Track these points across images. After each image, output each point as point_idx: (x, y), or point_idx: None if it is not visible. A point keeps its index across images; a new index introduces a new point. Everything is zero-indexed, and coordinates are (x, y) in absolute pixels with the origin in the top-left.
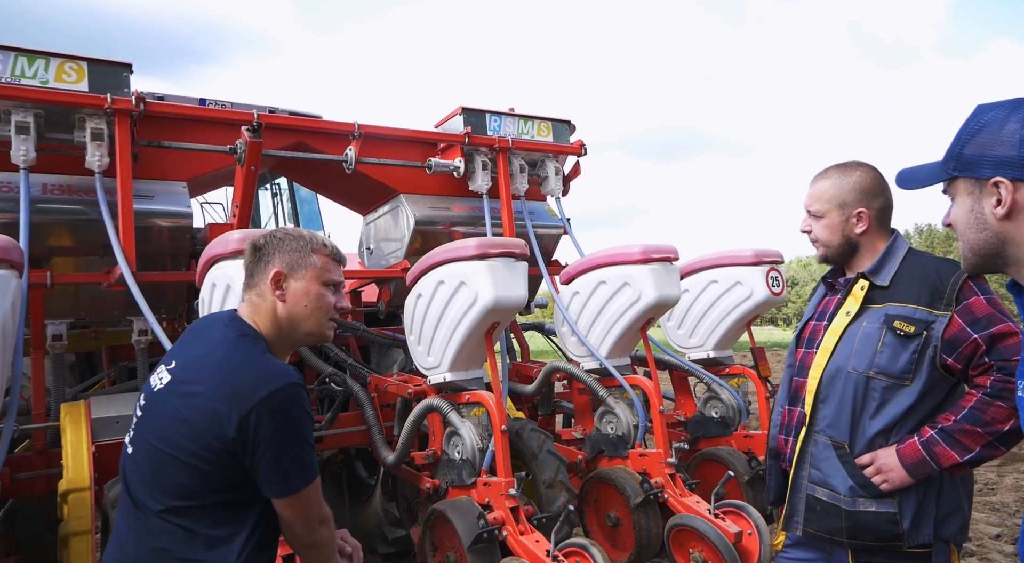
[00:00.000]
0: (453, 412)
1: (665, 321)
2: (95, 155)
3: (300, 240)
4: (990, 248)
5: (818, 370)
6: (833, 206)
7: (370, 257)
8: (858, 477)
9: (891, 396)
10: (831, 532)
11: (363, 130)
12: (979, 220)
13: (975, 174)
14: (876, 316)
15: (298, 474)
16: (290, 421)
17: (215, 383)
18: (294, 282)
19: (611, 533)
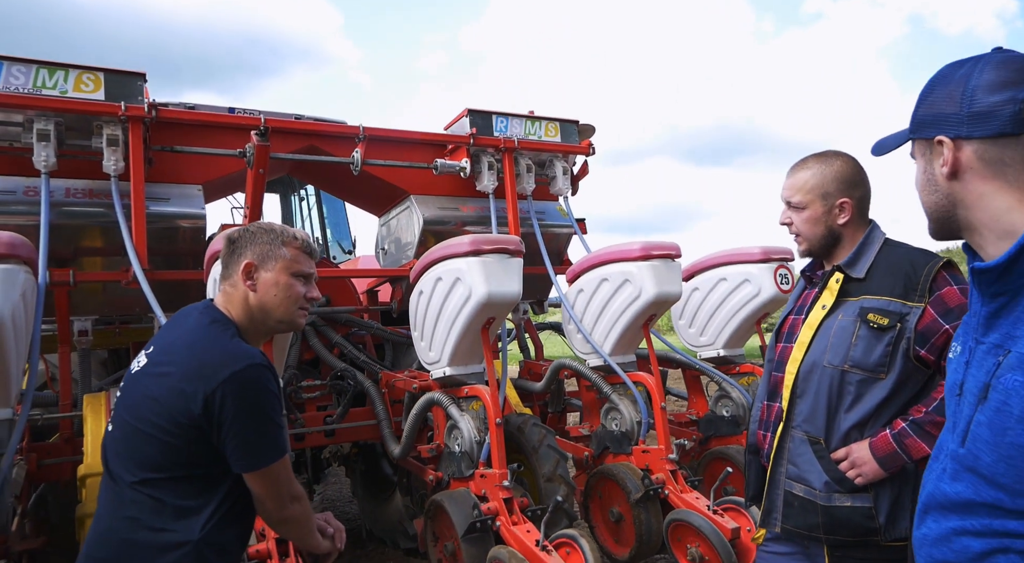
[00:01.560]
0: (453, 406)
1: (676, 319)
2: (111, 160)
3: (271, 233)
4: (942, 211)
5: (794, 365)
6: (815, 197)
7: (385, 257)
8: (833, 472)
9: (866, 389)
10: (808, 528)
11: (368, 133)
12: (931, 182)
13: (925, 134)
14: (851, 309)
15: (264, 450)
16: (254, 400)
17: (183, 364)
18: (264, 273)
19: (614, 528)
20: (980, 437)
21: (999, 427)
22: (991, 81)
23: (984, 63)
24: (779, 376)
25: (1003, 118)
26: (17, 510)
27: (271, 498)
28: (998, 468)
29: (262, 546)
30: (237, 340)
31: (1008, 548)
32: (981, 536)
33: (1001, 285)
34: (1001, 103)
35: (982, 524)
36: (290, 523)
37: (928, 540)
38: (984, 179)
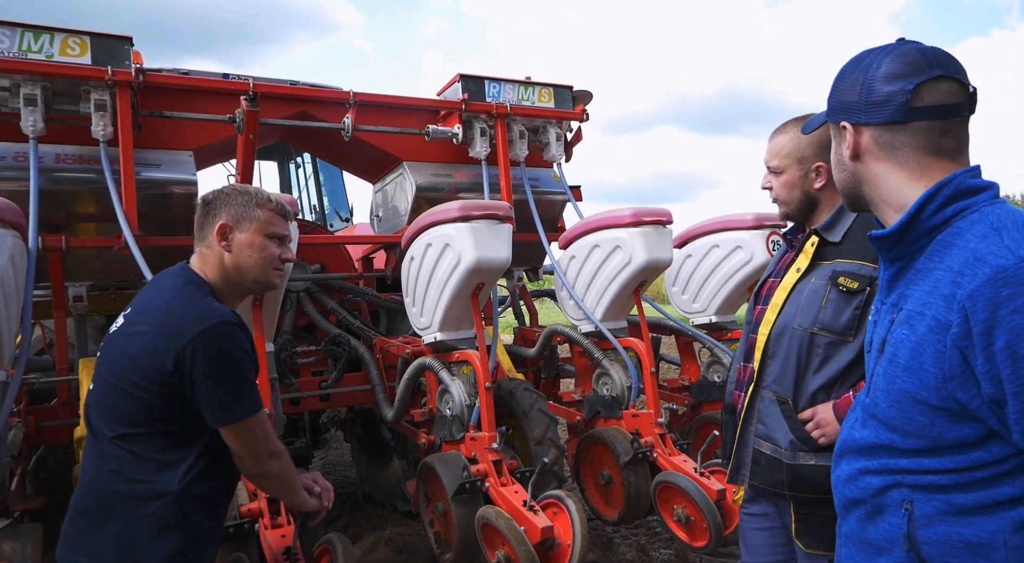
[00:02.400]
0: (443, 370)
1: (670, 286)
2: (99, 125)
3: (246, 195)
4: (850, 187)
5: (766, 327)
6: (792, 161)
7: (379, 224)
8: (799, 432)
9: (834, 352)
10: (774, 485)
11: (358, 98)
12: (840, 161)
13: (833, 119)
14: (824, 273)
15: (236, 406)
16: (224, 356)
17: (157, 322)
18: (239, 234)
19: (604, 490)
20: (878, 386)
21: (890, 376)
22: (886, 73)
23: (884, 55)
24: (754, 337)
25: (893, 107)
26: (16, 471)
27: (247, 453)
28: (891, 413)
29: (253, 505)
30: (209, 299)
31: (900, 483)
32: (879, 474)
33: (897, 251)
34: (893, 94)
35: (880, 464)
36: (269, 478)
37: (840, 481)
38: (879, 160)
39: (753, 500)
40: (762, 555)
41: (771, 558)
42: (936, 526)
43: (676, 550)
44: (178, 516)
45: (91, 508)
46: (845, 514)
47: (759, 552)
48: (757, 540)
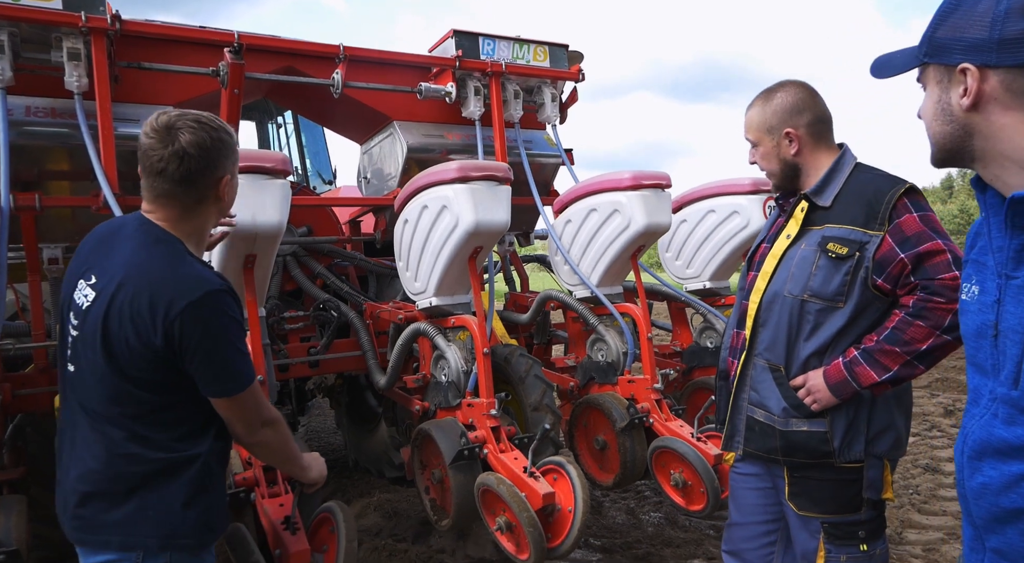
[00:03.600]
0: (439, 336)
1: (663, 252)
2: (73, 76)
3: (232, 136)
4: (955, 142)
5: (757, 294)
6: (762, 133)
7: (367, 186)
8: (791, 399)
9: (825, 318)
10: (767, 451)
11: (348, 53)
12: (945, 111)
13: (944, 60)
14: (813, 238)
15: (228, 379)
16: (214, 327)
17: (139, 294)
18: (231, 180)
19: (599, 456)
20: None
21: None
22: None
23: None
24: (747, 304)
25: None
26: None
27: (240, 422)
28: None
29: (248, 474)
30: (190, 261)
31: None
32: None
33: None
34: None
35: None
36: (262, 447)
37: (992, 489)
38: (1008, 110)
39: (744, 460)
40: (752, 514)
41: (761, 517)
42: None
43: (665, 513)
44: (206, 478)
45: (107, 489)
46: (997, 527)
47: (749, 511)
48: (748, 499)
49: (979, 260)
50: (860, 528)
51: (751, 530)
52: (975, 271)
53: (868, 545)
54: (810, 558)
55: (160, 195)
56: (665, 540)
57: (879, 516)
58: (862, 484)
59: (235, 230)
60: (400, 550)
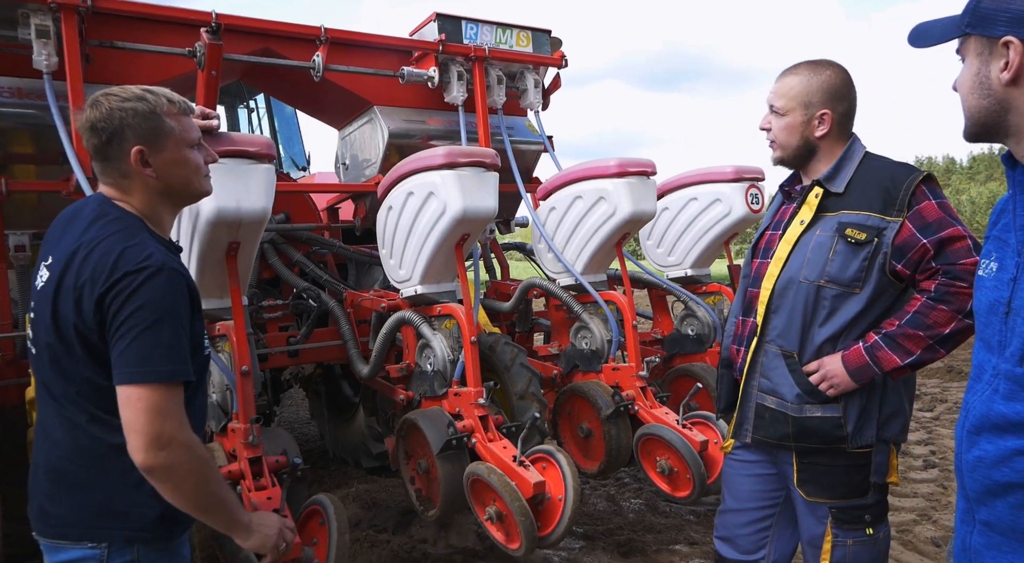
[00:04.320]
0: (424, 324)
1: (644, 239)
2: (42, 54)
3: (143, 104)
4: (991, 116)
5: (770, 281)
6: (797, 104)
7: (346, 173)
8: (805, 385)
9: (840, 304)
10: (778, 438)
11: (330, 35)
12: (983, 85)
13: (987, 31)
14: (829, 224)
15: (143, 361)
16: (147, 305)
17: (83, 267)
18: (159, 155)
19: (583, 444)
20: None
21: None
22: None
23: None
24: (755, 292)
25: None
26: None
27: (135, 431)
28: None
29: (234, 466)
30: (143, 238)
31: None
32: None
33: None
34: None
35: None
36: (167, 475)
37: (986, 462)
38: None
39: (746, 447)
40: (748, 501)
41: (757, 504)
42: None
43: (646, 499)
44: None
45: (72, 478)
46: (988, 500)
47: (745, 498)
48: (745, 486)
49: (1001, 237)
50: (867, 512)
51: (746, 516)
52: (995, 248)
53: (874, 528)
54: (817, 543)
55: (97, 172)
56: (646, 526)
57: (883, 500)
58: (870, 469)
59: (218, 217)
60: (381, 541)
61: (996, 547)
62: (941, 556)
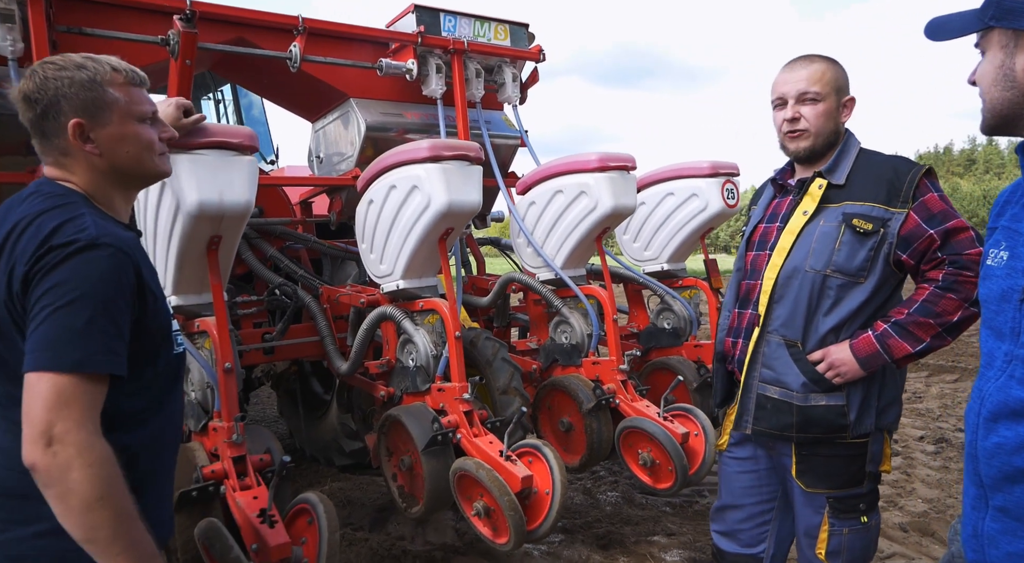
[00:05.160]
0: (407, 320)
1: (621, 234)
2: (7, 39)
3: (82, 73)
4: (1014, 108)
5: (773, 270)
6: (831, 90)
7: (320, 166)
8: (810, 373)
9: (845, 294)
10: (781, 428)
11: (308, 25)
12: (1008, 77)
13: (1014, 24)
14: (833, 215)
15: (49, 346)
16: (62, 282)
17: (15, 247)
18: (102, 129)
19: (564, 438)
20: None
21: None
22: None
23: None
24: (753, 284)
25: None
26: None
27: (27, 419)
28: None
29: (217, 466)
30: (85, 213)
31: None
32: None
33: None
34: None
35: None
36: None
37: (1006, 448)
38: None
39: (741, 443)
40: (744, 496)
41: (753, 499)
42: None
43: (622, 492)
44: None
45: (10, 490)
46: (1005, 485)
47: (741, 493)
48: (740, 482)
49: (1011, 227)
50: (861, 501)
51: (746, 511)
52: (1005, 237)
53: (867, 517)
54: (813, 533)
55: (37, 151)
56: (624, 518)
57: (876, 489)
58: (866, 458)
59: (200, 210)
60: (359, 539)
61: (1012, 532)
62: (910, 541)
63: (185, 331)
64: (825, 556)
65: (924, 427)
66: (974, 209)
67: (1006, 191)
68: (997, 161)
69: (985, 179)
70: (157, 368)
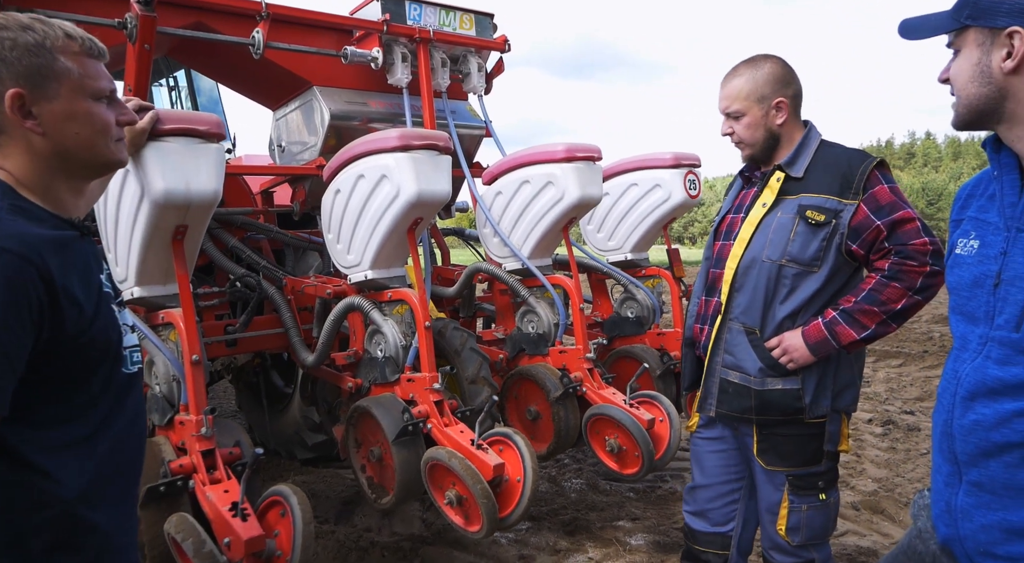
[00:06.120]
0: (375, 310)
1: (585, 224)
2: None
3: (29, 33)
4: (989, 104)
5: (734, 260)
6: (752, 102)
7: (282, 155)
8: (767, 359)
9: (800, 282)
10: (741, 411)
11: (271, 11)
12: (984, 73)
13: (990, 23)
14: (790, 207)
15: None
16: None
17: None
18: (48, 104)
19: (531, 426)
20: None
21: None
22: None
23: None
24: (718, 272)
25: None
26: None
27: None
28: None
29: (185, 461)
30: None
31: None
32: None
33: None
34: None
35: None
36: None
37: (984, 425)
38: None
39: (709, 425)
40: (716, 476)
41: (725, 477)
42: None
43: (587, 479)
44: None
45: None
46: (981, 461)
47: (714, 473)
48: (712, 462)
49: (979, 217)
50: (820, 479)
51: (716, 490)
52: (974, 227)
53: (826, 494)
54: (774, 510)
55: None
56: (589, 505)
57: (834, 467)
58: (824, 438)
59: (166, 199)
60: (326, 532)
61: (986, 505)
62: (861, 519)
63: (149, 323)
64: (785, 532)
65: (872, 410)
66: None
67: (968, 185)
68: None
69: (924, 172)
70: (91, 391)
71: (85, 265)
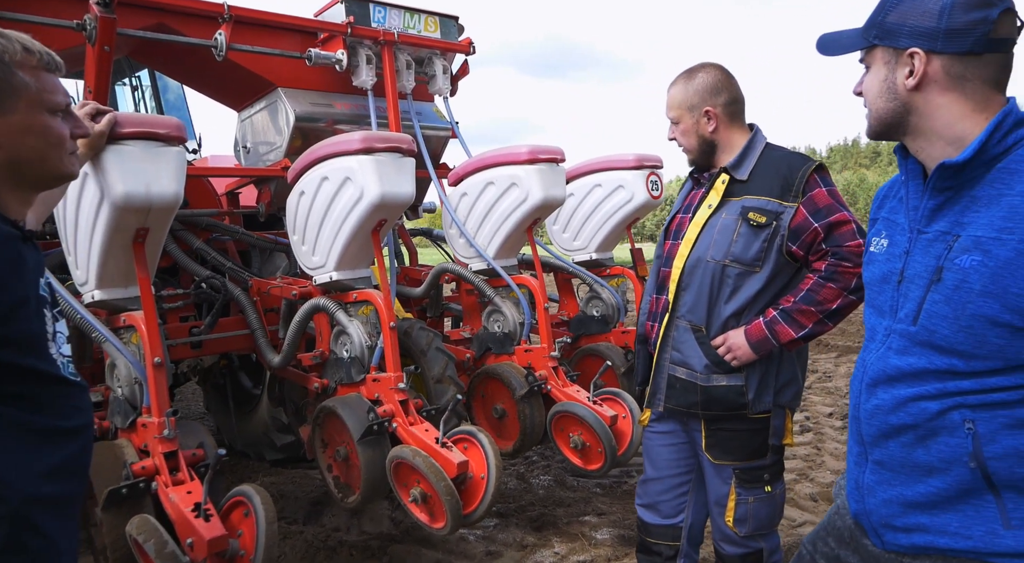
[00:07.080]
0: (340, 311)
1: (551, 225)
2: None
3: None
4: (895, 117)
5: (681, 260)
6: (684, 110)
7: (247, 157)
8: (712, 356)
9: (743, 282)
10: (688, 406)
11: (234, 12)
12: (890, 89)
13: (893, 43)
14: (734, 208)
15: None
16: None
17: None
18: (3, 117)
19: (497, 425)
20: (937, 313)
21: (959, 302)
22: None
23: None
24: (667, 271)
25: (975, 37)
26: None
27: None
28: (958, 337)
29: (148, 462)
30: None
31: (961, 405)
32: (936, 398)
33: (952, 180)
34: (975, 22)
35: (936, 388)
36: None
37: (884, 409)
38: (944, 91)
39: (661, 419)
40: (667, 468)
41: (675, 470)
42: (1002, 440)
43: (554, 475)
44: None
45: None
46: (882, 441)
47: (664, 466)
48: (663, 455)
49: (889, 218)
50: (765, 472)
51: (666, 483)
52: (885, 227)
53: (771, 486)
54: (722, 502)
55: None
56: (556, 501)
57: (780, 460)
58: (768, 432)
59: (126, 201)
60: (294, 532)
61: (887, 482)
62: (820, 510)
63: (111, 326)
64: (733, 523)
65: (833, 404)
66: None
67: (885, 186)
68: None
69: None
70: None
71: (20, 259)
